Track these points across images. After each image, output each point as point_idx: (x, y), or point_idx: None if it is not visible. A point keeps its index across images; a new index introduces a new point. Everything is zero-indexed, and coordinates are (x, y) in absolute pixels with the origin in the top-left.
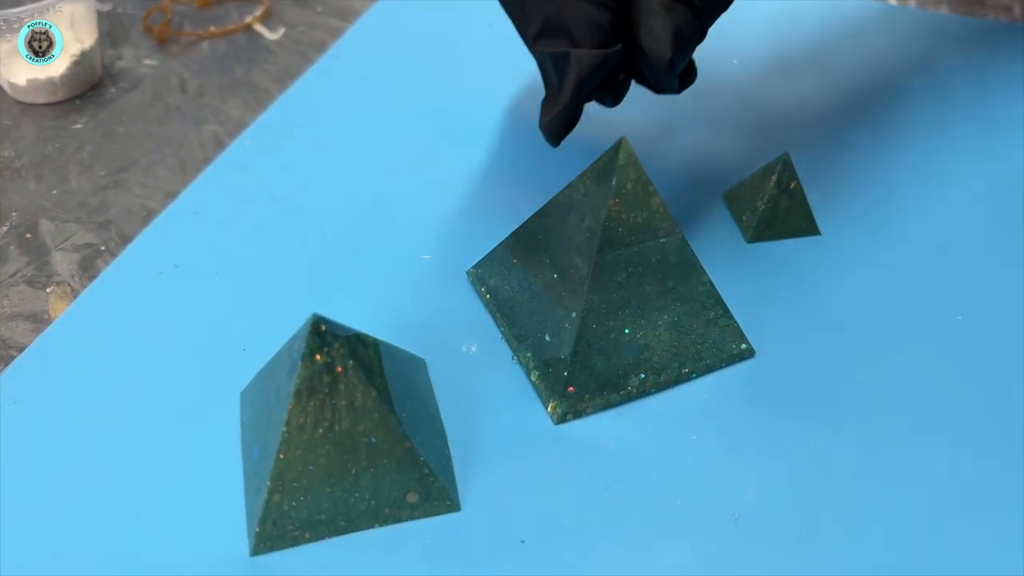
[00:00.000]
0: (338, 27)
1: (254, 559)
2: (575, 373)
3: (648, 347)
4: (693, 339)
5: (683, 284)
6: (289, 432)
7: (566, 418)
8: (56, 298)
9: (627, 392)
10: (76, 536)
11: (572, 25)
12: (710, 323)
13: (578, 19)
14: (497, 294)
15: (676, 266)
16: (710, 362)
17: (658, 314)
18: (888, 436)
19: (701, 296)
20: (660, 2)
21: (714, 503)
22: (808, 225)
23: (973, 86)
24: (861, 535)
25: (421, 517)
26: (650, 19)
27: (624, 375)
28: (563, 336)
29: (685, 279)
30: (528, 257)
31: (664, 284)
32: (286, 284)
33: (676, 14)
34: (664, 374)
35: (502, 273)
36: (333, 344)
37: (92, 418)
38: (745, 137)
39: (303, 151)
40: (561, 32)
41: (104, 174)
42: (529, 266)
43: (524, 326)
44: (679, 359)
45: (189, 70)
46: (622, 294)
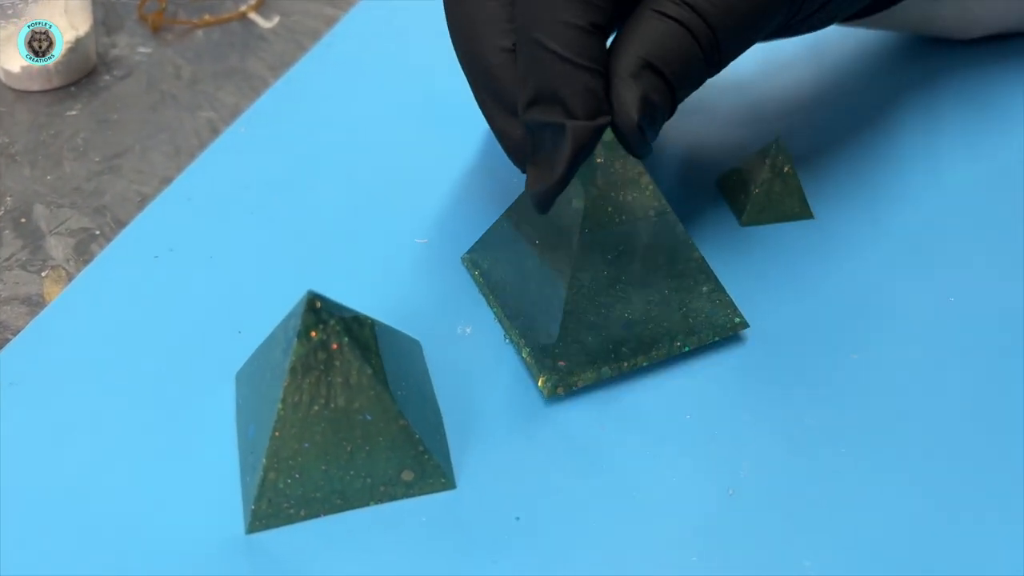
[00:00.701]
0: (332, 15)
1: (250, 537)
2: (565, 348)
3: (639, 322)
4: (685, 313)
5: (674, 261)
6: (284, 410)
7: (557, 391)
8: (51, 282)
9: (619, 366)
10: (72, 515)
11: (567, 95)
12: (702, 298)
13: (573, 87)
14: (490, 276)
15: (667, 244)
16: (703, 335)
17: (649, 290)
18: (880, 414)
19: (693, 272)
20: (628, 70)
21: (709, 480)
22: (802, 209)
23: (968, 70)
24: (854, 510)
25: (416, 495)
26: (619, 86)
27: (615, 349)
28: (552, 313)
29: (676, 256)
30: (518, 237)
31: (655, 261)
32: (281, 268)
33: (643, 81)
34: (656, 348)
35: (494, 255)
36: (328, 321)
37: (88, 400)
38: (739, 122)
39: (298, 137)
40: (556, 102)
41: (99, 160)
42: (519, 246)
43: (515, 305)
44: (671, 333)
45: (184, 58)
46: (612, 272)
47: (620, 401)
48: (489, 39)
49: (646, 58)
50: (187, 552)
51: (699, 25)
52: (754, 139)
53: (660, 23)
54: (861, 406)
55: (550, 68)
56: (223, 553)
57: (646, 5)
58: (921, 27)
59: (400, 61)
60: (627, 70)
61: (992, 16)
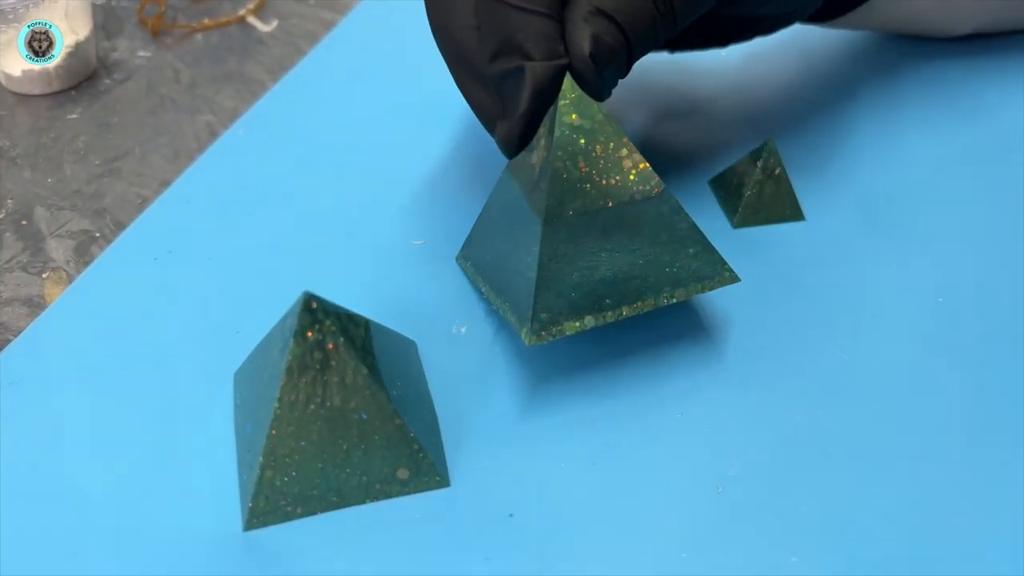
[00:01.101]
0: (330, 19)
1: (247, 534)
2: (547, 302)
3: (624, 279)
4: (673, 270)
5: (662, 231)
6: (281, 408)
7: (541, 337)
8: (51, 283)
9: (602, 315)
10: (72, 513)
11: (523, 39)
12: (690, 257)
13: (528, 32)
14: (479, 264)
15: (655, 220)
16: (691, 288)
17: (636, 254)
18: (869, 413)
19: (681, 238)
20: (580, 15)
21: (698, 478)
22: (793, 211)
23: (961, 71)
24: (842, 508)
25: (411, 493)
26: (571, 27)
27: (599, 300)
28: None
29: (665, 228)
30: (498, 219)
31: (642, 233)
32: (278, 269)
33: (594, 23)
34: (642, 300)
35: (481, 246)
36: (324, 321)
37: (87, 399)
38: (732, 124)
39: (296, 139)
40: (515, 49)
41: (99, 163)
42: (500, 228)
43: (500, 280)
44: (658, 286)
45: (183, 61)
46: (596, 243)
47: (612, 399)
48: (459, 15)
49: (598, 6)
50: (185, 549)
51: None
52: (747, 141)
53: None
54: (850, 405)
55: (507, 19)
56: (221, 549)
57: None
58: (901, 26)
59: (397, 64)
60: (579, 15)
61: (972, 15)
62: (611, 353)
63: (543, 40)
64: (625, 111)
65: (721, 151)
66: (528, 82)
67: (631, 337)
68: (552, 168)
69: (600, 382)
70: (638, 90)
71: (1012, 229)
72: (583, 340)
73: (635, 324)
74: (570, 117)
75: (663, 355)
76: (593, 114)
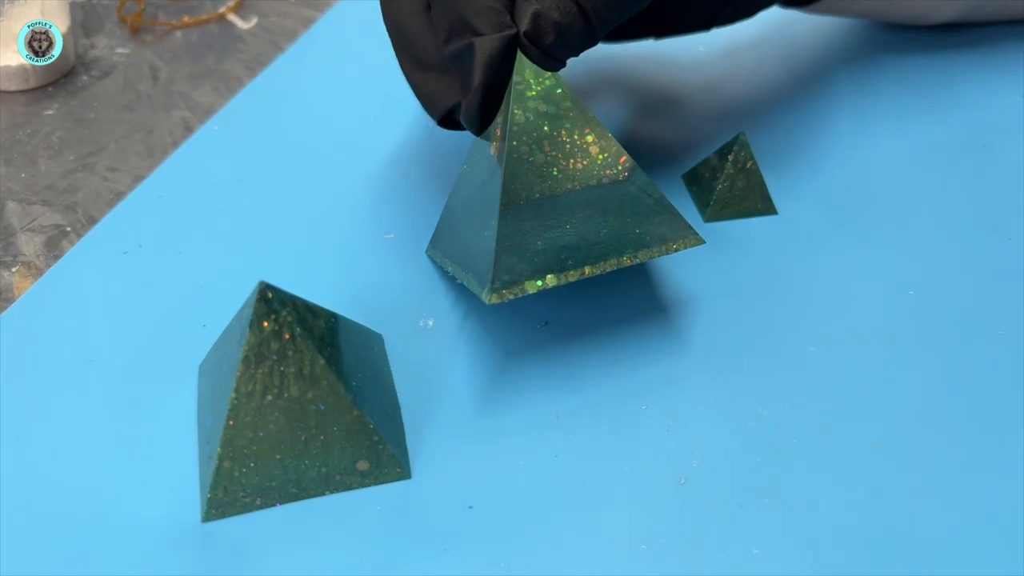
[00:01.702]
0: (310, 16)
1: (205, 525)
2: (510, 264)
3: (587, 245)
4: (638, 233)
5: (629, 206)
6: (238, 399)
7: (503, 296)
8: (20, 277)
9: (564, 275)
10: (33, 503)
11: (472, 16)
12: (656, 224)
13: (475, 8)
14: (447, 249)
15: (623, 198)
16: (654, 250)
17: (599, 223)
18: (835, 406)
19: (648, 209)
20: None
21: (661, 469)
22: (765, 204)
23: (937, 66)
24: (803, 500)
25: (372, 484)
26: (519, 3)
27: (561, 261)
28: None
29: (631, 203)
30: (463, 205)
31: (607, 209)
32: (248, 263)
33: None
34: (605, 260)
35: (448, 229)
36: (280, 311)
37: (54, 392)
38: (708, 119)
39: (270, 136)
40: (465, 27)
41: (73, 158)
42: (465, 211)
43: (466, 257)
44: (620, 248)
45: (161, 58)
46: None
47: (576, 392)
48: (406, 4)
49: None
50: (143, 540)
51: None
52: (720, 136)
53: None
54: (816, 398)
55: (451, 6)
56: (178, 541)
57: None
58: (877, 11)
59: (373, 61)
60: None
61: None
62: (575, 346)
63: (490, 14)
64: (601, 105)
65: (696, 145)
66: (478, 55)
67: (596, 329)
68: (510, 152)
69: (564, 374)
70: (614, 84)
71: (984, 223)
72: (546, 333)
73: (601, 315)
74: (536, 103)
75: (628, 347)
76: (559, 101)
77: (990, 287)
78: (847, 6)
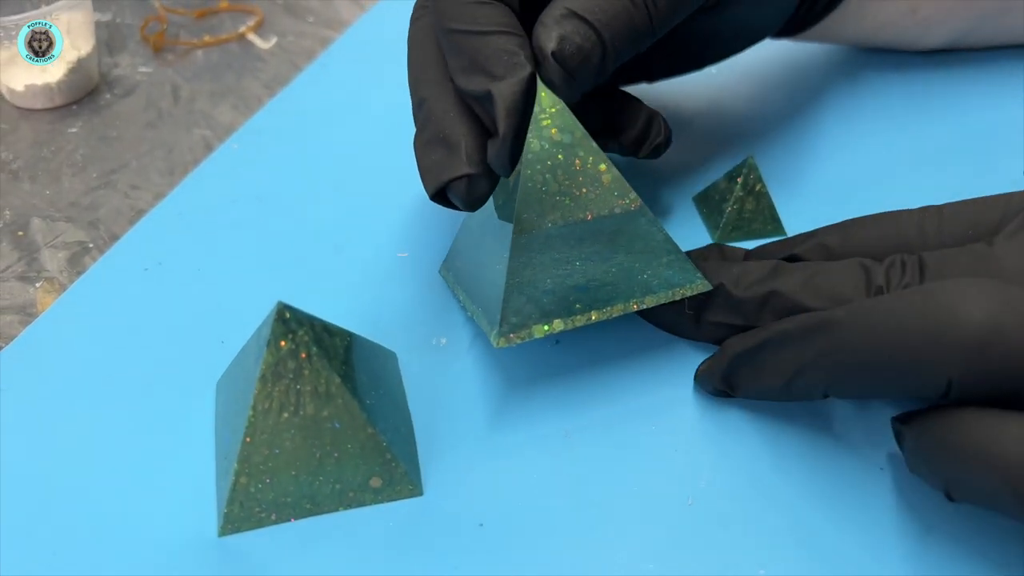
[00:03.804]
0: (328, 36)
1: (222, 539)
2: (517, 306)
3: (595, 287)
4: (645, 276)
5: (636, 241)
6: (255, 416)
7: (509, 340)
8: (44, 292)
9: (572, 319)
10: (55, 516)
11: (483, 59)
12: (664, 265)
13: (487, 51)
14: (459, 273)
15: (631, 231)
16: (661, 295)
17: (608, 264)
18: (842, 428)
19: (655, 247)
20: (551, 19)
21: (668, 490)
22: (774, 226)
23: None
24: (811, 523)
25: (384, 501)
26: (538, 30)
27: (568, 305)
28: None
29: (639, 239)
30: (476, 233)
31: (616, 243)
32: (265, 280)
33: (564, 24)
34: (611, 305)
35: (461, 252)
36: (298, 331)
37: (75, 406)
38: (717, 142)
39: (289, 154)
40: (479, 71)
41: (96, 176)
42: (476, 240)
43: (476, 288)
44: (628, 293)
45: (183, 77)
46: (570, 254)
47: (586, 411)
48: (431, 72)
49: (571, 8)
50: (161, 553)
51: None
52: (731, 158)
53: None
54: (822, 420)
55: (466, 45)
56: (195, 554)
57: None
58: (869, 39)
59: (390, 82)
60: (550, 19)
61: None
62: (585, 367)
63: (503, 56)
64: None
65: (706, 167)
66: (498, 103)
67: (605, 350)
68: (524, 181)
69: (574, 395)
70: None
71: None
72: (557, 353)
73: (610, 337)
74: (550, 132)
75: (638, 368)
76: (573, 129)
77: None
78: (836, 35)
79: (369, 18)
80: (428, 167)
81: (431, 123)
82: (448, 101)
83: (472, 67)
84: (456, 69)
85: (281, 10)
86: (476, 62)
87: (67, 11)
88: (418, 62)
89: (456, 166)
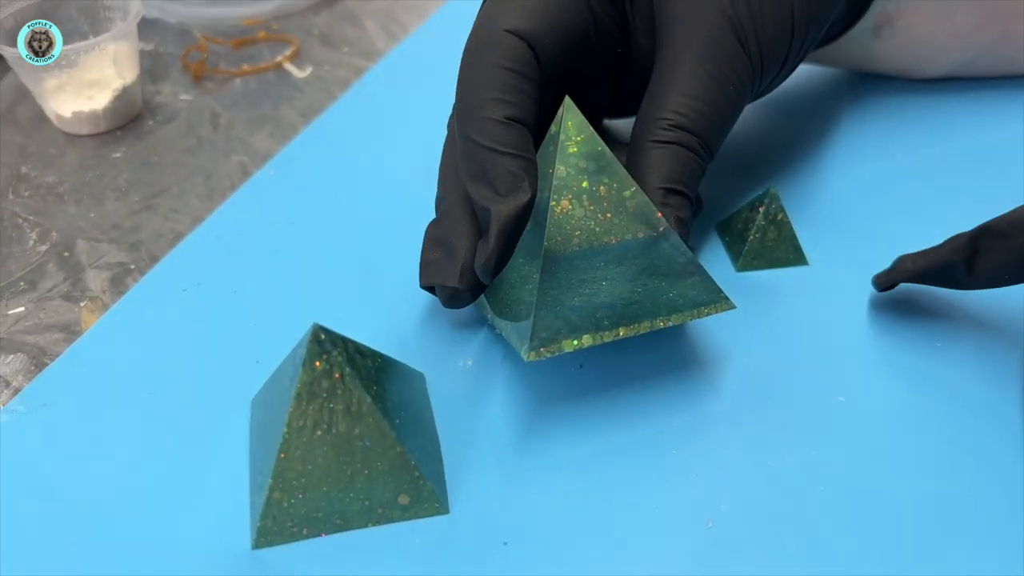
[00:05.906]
0: (362, 66)
1: (255, 552)
2: (548, 322)
3: (622, 304)
4: (671, 296)
5: (661, 264)
6: (290, 433)
7: (540, 353)
8: (88, 311)
9: (600, 335)
10: (94, 528)
11: (492, 176)
12: (689, 286)
13: (496, 169)
14: (488, 294)
15: (656, 255)
16: (686, 314)
17: (634, 284)
18: (863, 456)
19: (680, 269)
20: (657, 200)
21: (689, 512)
22: (796, 256)
23: (971, 116)
24: (831, 548)
25: (412, 518)
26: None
27: (597, 322)
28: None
29: (663, 262)
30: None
31: (641, 266)
32: (299, 302)
33: (670, 207)
34: (638, 323)
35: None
36: (332, 352)
37: (114, 422)
38: (741, 171)
39: (323, 180)
40: (484, 183)
41: (138, 199)
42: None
43: (505, 307)
44: (654, 311)
45: (221, 104)
46: (596, 274)
47: (610, 434)
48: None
49: (663, 185)
50: (196, 565)
51: (689, 139)
52: (755, 187)
53: (661, 150)
54: (844, 447)
55: (478, 157)
56: (229, 567)
57: (643, 138)
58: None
59: (422, 111)
60: (656, 200)
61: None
62: (608, 390)
63: (509, 178)
64: None
65: (730, 195)
66: (494, 221)
67: (630, 374)
68: (553, 206)
69: (597, 418)
70: None
71: None
72: (581, 376)
73: (634, 361)
74: (576, 159)
75: (661, 392)
76: (599, 157)
77: (1021, 339)
78: (834, 61)
79: (402, 49)
80: (427, 263)
81: (443, 223)
82: (462, 209)
83: (480, 178)
84: (465, 172)
85: (317, 40)
86: (484, 174)
87: (114, 41)
88: (451, 156)
89: (449, 276)
